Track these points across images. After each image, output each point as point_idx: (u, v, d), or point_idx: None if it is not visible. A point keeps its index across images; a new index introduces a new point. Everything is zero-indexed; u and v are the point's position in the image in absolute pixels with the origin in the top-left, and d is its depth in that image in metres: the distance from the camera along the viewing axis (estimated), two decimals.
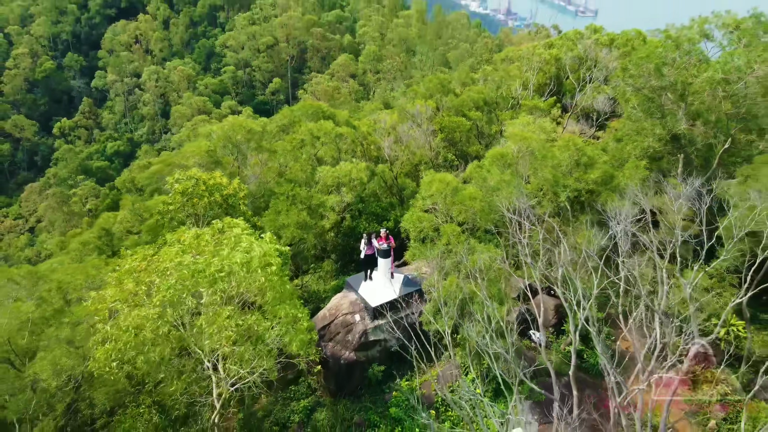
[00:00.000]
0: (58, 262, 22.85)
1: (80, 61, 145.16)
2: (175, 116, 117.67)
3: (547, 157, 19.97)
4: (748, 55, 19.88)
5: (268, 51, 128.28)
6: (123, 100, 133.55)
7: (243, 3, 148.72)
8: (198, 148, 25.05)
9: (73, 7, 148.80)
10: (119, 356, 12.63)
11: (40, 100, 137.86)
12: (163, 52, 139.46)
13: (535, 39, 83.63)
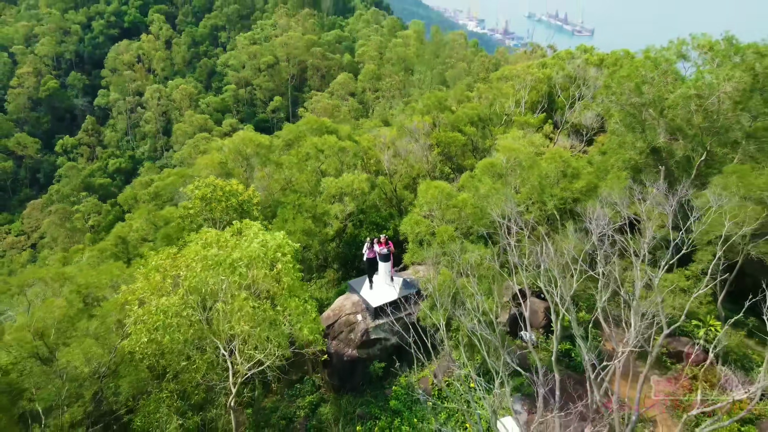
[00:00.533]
0: (79, 267, 24.52)
1: (83, 80, 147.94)
2: (177, 134, 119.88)
3: (534, 167, 21.75)
4: (718, 73, 21.82)
5: (268, 70, 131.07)
6: (125, 118, 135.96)
7: (244, 23, 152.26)
8: (211, 161, 26.87)
9: (76, 28, 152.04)
10: (149, 335, 14.19)
11: (43, 118, 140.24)
12: (165, 71, 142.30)
13: (531, 58, 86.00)
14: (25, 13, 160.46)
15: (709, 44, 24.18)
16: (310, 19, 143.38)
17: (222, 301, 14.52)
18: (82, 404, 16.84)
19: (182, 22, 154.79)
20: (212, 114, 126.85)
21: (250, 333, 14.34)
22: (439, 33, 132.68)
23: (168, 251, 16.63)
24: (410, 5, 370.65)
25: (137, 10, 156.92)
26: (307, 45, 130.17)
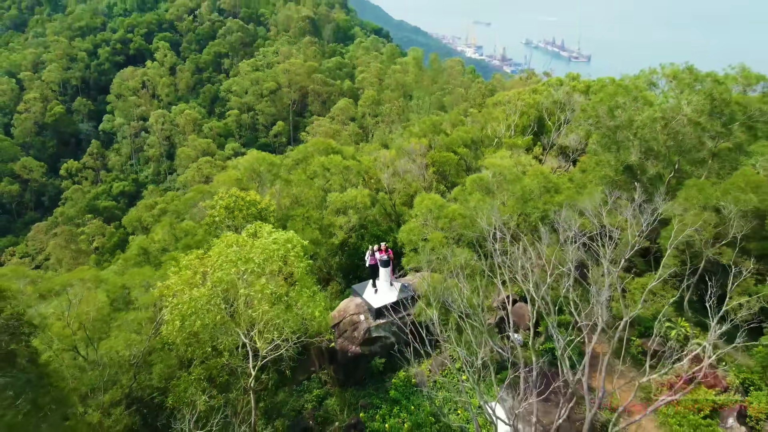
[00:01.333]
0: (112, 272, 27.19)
1: (88, 105, 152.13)
2: (180, 158, 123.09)
3: (517, 181, 24.61)
4: (680, 98, 24.81)
5: (270, 95, 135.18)
6: (129, 143, 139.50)
7: (247, 51, 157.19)
8: (228, 177, 29.81)
9: (83, 55, 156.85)
10: (183, 321, 16.78)
11: (48, 142, 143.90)
12: (169, 97, 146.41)
13: (527, 84, 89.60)
14: (33, 41, 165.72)
15: (673, 73, 27.32)
16: (311, 46, 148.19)
17: (244, 287, 17.14)
18: (120, 387, 19.39)
19: (186, 49, 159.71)
20: (215, 138, 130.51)
21: (269, 314, 16.91)
22: (437, 60, 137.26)
23: (196, 252, 19.36)
24: (409, 33, 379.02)
25: (142, 37, 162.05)
26: (309, 71, 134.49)
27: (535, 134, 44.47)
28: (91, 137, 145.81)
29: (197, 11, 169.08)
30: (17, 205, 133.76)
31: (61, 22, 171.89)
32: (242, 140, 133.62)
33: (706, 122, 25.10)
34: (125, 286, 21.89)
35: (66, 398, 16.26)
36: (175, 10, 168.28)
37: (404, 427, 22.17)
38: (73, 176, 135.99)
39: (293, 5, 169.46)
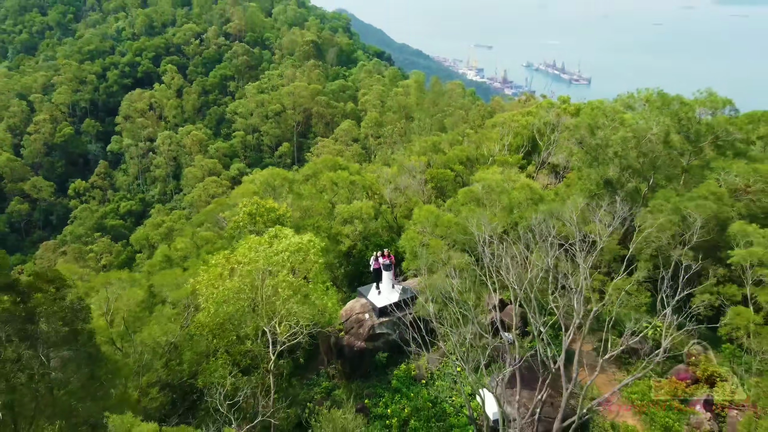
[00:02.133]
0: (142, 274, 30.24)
1: (97, 127, 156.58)
2: (187, 177, 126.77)
3: (504, 193, 27.69)
4: (649, 118, 28.05)
5: (275, 117, 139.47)
6: (137, 163, 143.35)
7: (252, 74, 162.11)
8: (246, 190, 33.01)
9: (92, 77, 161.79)
10: (216, 307, 19.72)
11: (57, 162, 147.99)
12: (176, 119, 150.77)
13: (525, 106, 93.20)
14: (43, 64, 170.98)
15: (647, 97, 30.69)
16: (315, 70, 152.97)
17: (271, 278, 20.15)
18: (155, 371, 22.33)
19: (193, 72, 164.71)
20: (221, 159, 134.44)
21: (290, 302, 19.84)
22: (438, 83, 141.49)
23: (223, 253, 22.40)
24: (411, 55, 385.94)
25: (150, 61, 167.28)
26: (312, 94, 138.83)
27: (529, 153, 47.80)
28: (99, 158, 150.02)
29: (204, 35, 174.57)
30: (26, 224, 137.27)
31: (71, 45, 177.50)
32: (247, 161, 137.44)
33: (674, 139, 28.32)
34: (158, 285, 24.87)
35: (118, 372, 19.17)
36: (183, 35, 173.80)
37: (405, 412, 24.98)
38: (81, 196, 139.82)
39: (298, 30, 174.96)
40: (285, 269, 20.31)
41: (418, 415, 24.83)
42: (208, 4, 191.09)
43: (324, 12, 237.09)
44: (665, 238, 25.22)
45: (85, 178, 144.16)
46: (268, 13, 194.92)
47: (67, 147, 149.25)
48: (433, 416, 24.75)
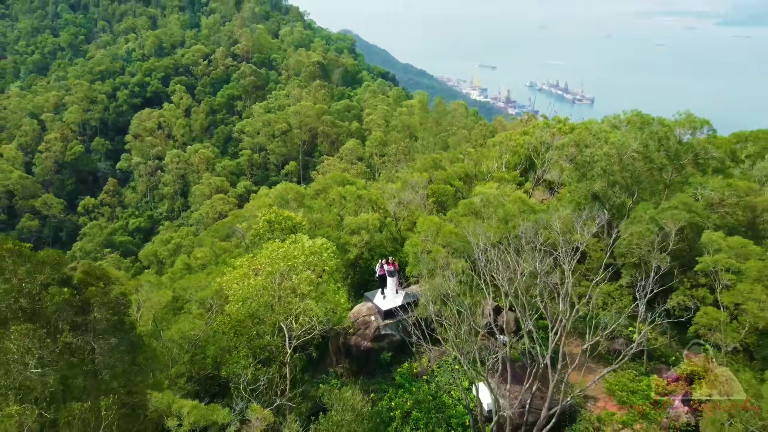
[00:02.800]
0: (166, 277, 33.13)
1: (106, 145, 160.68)
2: (195, 195, 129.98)
3: (499, 205, 30.47)
4: (628, 136, 30.95)
5: (281, 136, 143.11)
6: (145, 181, 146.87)
7: (259, 94, 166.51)
8: (261, 203, 35.89)
9: (102, 97, 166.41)
10: (243, 301, 22.43)
11: (67, 180, 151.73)
12: (184, 137, 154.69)
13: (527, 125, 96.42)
14: (54, 84, 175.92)
15: (629, 118, 33.67)
16: (320, 90, 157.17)
17: (294, 275, 22.91)
18: (183, 363, 25.03)
19: (201, 92, 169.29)
20: (228, 176, 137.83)
21: (308, 298, 22.55)
22: (441, 103, 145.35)
23: (247, 256, 25.18)
24: (415, 75, 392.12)
25: (159, 81, 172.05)
26: (318, 113, 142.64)
27: (526, 170, 50.74)
28: (108, 175, 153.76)
29: (212, 56, 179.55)
30: (36, 240, 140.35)
31: (82, 66, 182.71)
32: (254, 179, 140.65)
33: (654, 156, 31.19)
34: (183, 288, 27.62)
35: (156, 359, 21.87)
36: (191, 56, 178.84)
37: (407, 404, 27.54)
38: (90, 213, 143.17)
39: (304, 51, 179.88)
40: (304, 267, 23.07)
41: (420, 407, 27.37)
42: (217, 26, 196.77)
43: (329, 33, 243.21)
44: (645, 245, 27.91)
45: (94, 195, 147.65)
46: (274, 35, 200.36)
47: (77, 165, 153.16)
48: (433, 408, 27.29)
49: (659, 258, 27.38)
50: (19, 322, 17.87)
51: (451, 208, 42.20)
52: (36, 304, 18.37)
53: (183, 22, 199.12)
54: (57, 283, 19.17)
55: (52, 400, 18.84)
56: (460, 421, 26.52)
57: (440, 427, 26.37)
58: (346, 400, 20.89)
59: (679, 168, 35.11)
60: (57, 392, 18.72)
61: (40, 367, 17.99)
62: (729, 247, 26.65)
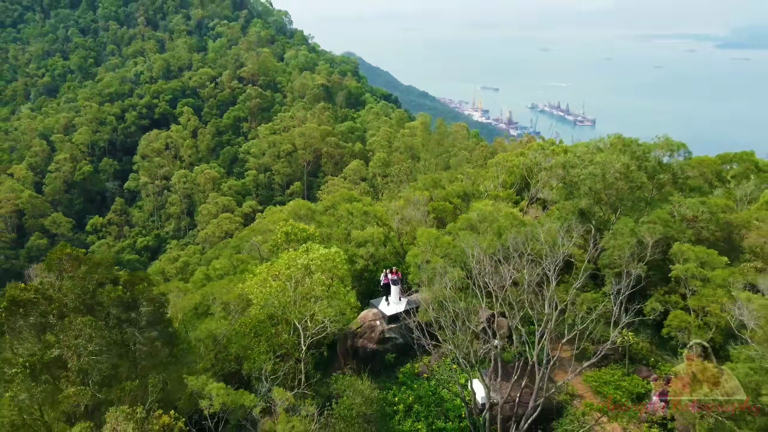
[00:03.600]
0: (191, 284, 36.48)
1: (114, 165, 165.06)
2: (202, 213, 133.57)
3: (493, 220, 33.80)
4: (610, 158, 34.43)
5: (287, 157, 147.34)
6: (152, 200, 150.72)
7: (264, 115, 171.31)
8: (277, 218, 39.28)
9: (111, 118, 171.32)
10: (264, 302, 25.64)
11: (76, 199, 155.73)
12: (191, 158, 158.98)
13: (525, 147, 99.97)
14: (64, 105, 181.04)
15: (611, 141, 37.24)
16: (325, 111, 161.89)
17: (309, 278, 26.20)
18: (208, 360, 28.21)
19: (208, 113, 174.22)
20: (234, 196, 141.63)
21: (321, 297, 25.74)
22: (443, 125, 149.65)
23: (266, 264, 28.45)
24: (417, 97, 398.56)
25: (167, 103, 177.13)
26: (323, 135, 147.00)
27: (521, 190, 54.24)
28: (116, 195, 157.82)
29: (219, 79, 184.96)
30: (44, 258, 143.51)
31: (91, 88, 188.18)
32: (259, 198, 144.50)
33: (634, 175, 34.65)
34: (208, 293, 30.86)
35: (191, 350, 25.06)
36: (198, 78, 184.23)
37: (409, 399, 30.58)
38: (99, 231, 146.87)
39: (308, 74, 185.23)
40: (319, 271, 26.37)
41: (420, 401, 30.40)
42: (223, 49, 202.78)
43: (333, 56, 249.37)
44: (624, 256, 31.20)
45: (102, 214, 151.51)
46: (280, 58, 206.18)
47: (86, 185, 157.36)
48: (433, 402, 30.31)
49: (637, 267, 30.64)
50: (80, 315, 21.19)
51: (450, 223, 45.63)
52: (93, 299, 21.69)
53: (190, 46, 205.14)
54: (109, 282, 22.51)
55: (103, 384, 22.07)
56: (457, 413, 29.52)
57: (439, 419, 29.37)
58: (356, 387, 24.03)
59: (659, 187, 38.58)
60: (108, 376, 21.95)
61: (96, 354, 21.27)
62: (696, 257, 29.92)
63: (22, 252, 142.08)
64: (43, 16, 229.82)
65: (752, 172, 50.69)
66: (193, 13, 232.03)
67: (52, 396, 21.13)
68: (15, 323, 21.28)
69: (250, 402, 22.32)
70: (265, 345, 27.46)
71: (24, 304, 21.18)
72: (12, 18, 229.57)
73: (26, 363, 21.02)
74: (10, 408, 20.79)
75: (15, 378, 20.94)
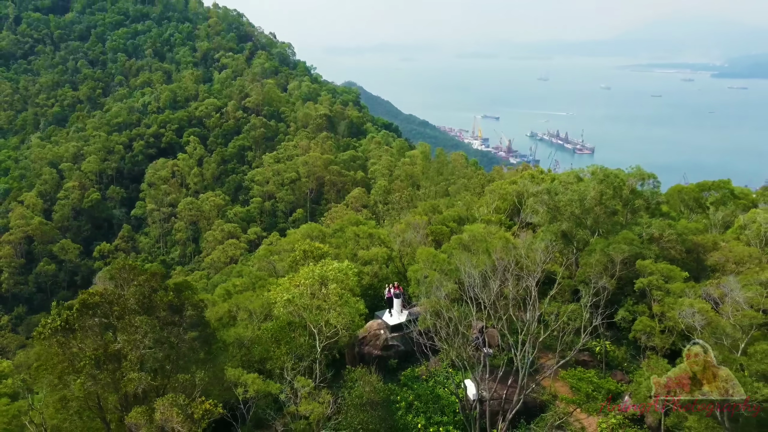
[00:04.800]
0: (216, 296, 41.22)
1: (121, 193, 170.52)
2: (207, 240, 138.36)
3: (483, 241, 38.72)
4: (588, 186, 39.53)
5: (290, 185, 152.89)
6: (159, 227, 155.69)
7: (268, 144, 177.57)
8: (292, 239, 44.22)
9: (119, 147, 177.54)
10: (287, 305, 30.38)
11: (84, 226, 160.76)
12: (197, 185, 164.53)
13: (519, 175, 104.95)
14: (74, 135, 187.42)
15: (592, 171, 42.45)
16: (327, 141, 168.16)
17: (325, 288, 30.97)
18: (237, 359, 32.85)
19: (213, 142, 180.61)
20: (239, 223, 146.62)
21: (336, 304, 30.40)
22: (442, 153, 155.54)
23: (288, 276, 33.25)
24: (418, 126, 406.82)
25: (174, 132, 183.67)
26: (325, 163, 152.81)
27: (513, 215, 59.34)
28: (122, 222, 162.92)
29: (224, 109, 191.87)
30: (52, 284, 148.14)
31: (100, 118, 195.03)
32: (263, 225, 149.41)
33: (608, 201, 39.75)
34: (235, 303, 35.57)
35: (225, 350, 29.72)
36: (204, 108, 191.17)
37: (410, 398, 35.09)
38: (106, 257, 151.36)
39: (311, 104, 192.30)
40: (334, 282, 31.18)
41: (420, 399, 34.91)
42: (228, 80, 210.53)
43: (335, 86, 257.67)
44: (596, 272, 36.06)
45: (109, 241, 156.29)
46: (283, 89, 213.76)
47: (94, 212, 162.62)
48: (431, 399, 34.82)
49: (606, 281, 35.49)
50: (138, 315, 26.01)
51: (446, 244, 50.57)
52: (149, 302, 26.53)
53: (196, 77, 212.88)
54: (161, 288, 27.37)
55: (156, 373, 26.75)
56: (452, 408, 34.01)
57: (436, 414, 33.86)
58: (366, 378, 28.65)
59: (633, 211, 43.67)
60: (160, 367, 26.66)
61: (151, 347, 26.03)
62: (660, 272, 34.79)
63: (31, 277, 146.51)
64: (54, 49, 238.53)
65: (729, 199, 55.67)
66: (199, 45, 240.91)
67: (113, 382, 25.79)
68: (85, 322, 26.06)
69: (276, 389, 26.94)
70: (285, 348, 32.09)
71: (92, 306, 26.00)
72: (23, 50, 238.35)
73: (92, 355, 25.77)
74: (80, 391, 25.42)
75: (84, 368, 25.64)
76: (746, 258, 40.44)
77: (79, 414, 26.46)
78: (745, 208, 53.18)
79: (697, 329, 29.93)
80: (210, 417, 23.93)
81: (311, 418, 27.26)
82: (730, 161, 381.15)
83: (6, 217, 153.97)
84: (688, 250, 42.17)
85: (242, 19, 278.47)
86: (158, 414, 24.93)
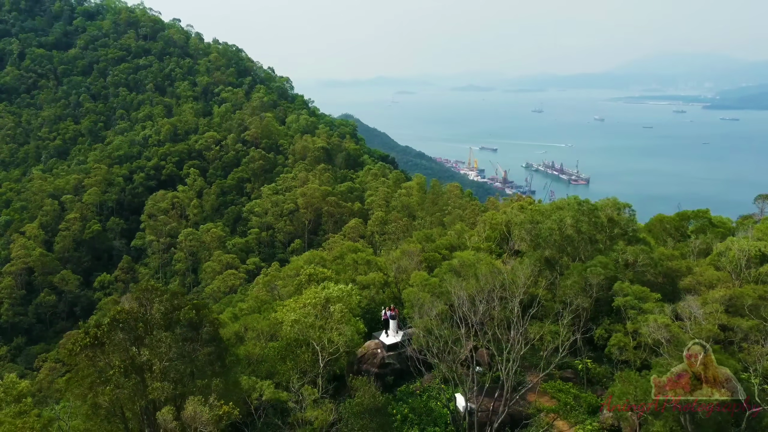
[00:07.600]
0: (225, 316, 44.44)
1: (121, 224, 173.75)
2: (206, 271, 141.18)
3: (471, 266, 42.42)
4: (566, 215, 43.44)
5: (289, 216, 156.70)
6: (158, 258, 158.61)
7: (267, 176, 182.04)
8: (295, 265, 47.76)
9: (120, 179, 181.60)
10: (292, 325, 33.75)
11: (84, 257, 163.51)
12: (196, 217, 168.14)
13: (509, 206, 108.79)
14: (75, 167, 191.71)
15: (569, 201, 46.44)
16: (325, 173, 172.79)
17: (328, 308, 34.45)
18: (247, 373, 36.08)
19: (212, 174, 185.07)
20: (237, 253, 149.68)
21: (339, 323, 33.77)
22: (437, 185, 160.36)
23: (294, 298, 36.68)
24: (414, 158, 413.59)
25: (174, 164, 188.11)
26: (323, 195, 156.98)
27: (501, 243, 63.17)
28: (122, 253, 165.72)
29: (223, 142, 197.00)
30: (52, 314, 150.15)
31: (101, 151, 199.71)
32: (261, 256, 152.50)
33: (584, 230, 43.63)
34: (244, 324, 38.90)
35: (238, 363, 33.02)
36: (204, 141, 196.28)
37: (405, 411, 38.24)
38: (106, 288, 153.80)
39: (309, 137, 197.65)
40: (338, 302, 34.69)
41: (414, 411, 38.07)
42: (228, 114, 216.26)
43: (332, 119, 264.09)
44: (574, 293, 39.68)
45: (109, 271, 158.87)
46: (282, 122, 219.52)
47: (94, 243, 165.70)
48: (424, 412, 37.97)
49: (583, 301, 39.11)
50: (161, 331, 29.45)
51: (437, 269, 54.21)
52: (171, 319, 29.99)
53: (196, 111, 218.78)
54: (182, 307, 30.85)
55: (177, 383, 30.04)
56: (444, 420, 37.16)
57: (429, 425, 37.00)
58: (365, 388, 31.95)
59: (610, 238, 47.54)
60: (181, 378, 29.97)
61: (174, 360, 29.39)
62: (634, 293, 38.46)
63: (30, 308, 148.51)
64: (56, 83, 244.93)
65: (707, 227, 59.63)
66: (199, 79, 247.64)
67: (138, 391, 29.05)
68: (114, 336, 29.45)
69: (285, 397, 30.23)
70: (291, 364, 35.42)
71: (121, 321, 29.43)
72: (26, 85, 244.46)
73: (120, 365, 29.11)
74: (108, 399, 28.65)
75: (112, 378, 28.95)
76: (716, 281, 44.17)
77: (108, 419, 29.60)
78: (722, 236, 57.07)
79: (663, 343, 33.41)
80: (228, 419, 27.18)
81: (315, 424, 30.48)
82: (724, 191, 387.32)
83: (7, 249, 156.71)
84: (665, 274, 45.91)
85: (241, 54, 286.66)
86: (189, 410, 28.22)
